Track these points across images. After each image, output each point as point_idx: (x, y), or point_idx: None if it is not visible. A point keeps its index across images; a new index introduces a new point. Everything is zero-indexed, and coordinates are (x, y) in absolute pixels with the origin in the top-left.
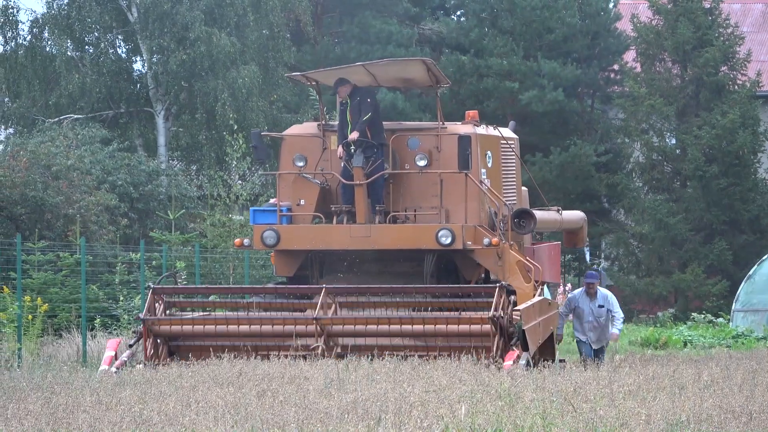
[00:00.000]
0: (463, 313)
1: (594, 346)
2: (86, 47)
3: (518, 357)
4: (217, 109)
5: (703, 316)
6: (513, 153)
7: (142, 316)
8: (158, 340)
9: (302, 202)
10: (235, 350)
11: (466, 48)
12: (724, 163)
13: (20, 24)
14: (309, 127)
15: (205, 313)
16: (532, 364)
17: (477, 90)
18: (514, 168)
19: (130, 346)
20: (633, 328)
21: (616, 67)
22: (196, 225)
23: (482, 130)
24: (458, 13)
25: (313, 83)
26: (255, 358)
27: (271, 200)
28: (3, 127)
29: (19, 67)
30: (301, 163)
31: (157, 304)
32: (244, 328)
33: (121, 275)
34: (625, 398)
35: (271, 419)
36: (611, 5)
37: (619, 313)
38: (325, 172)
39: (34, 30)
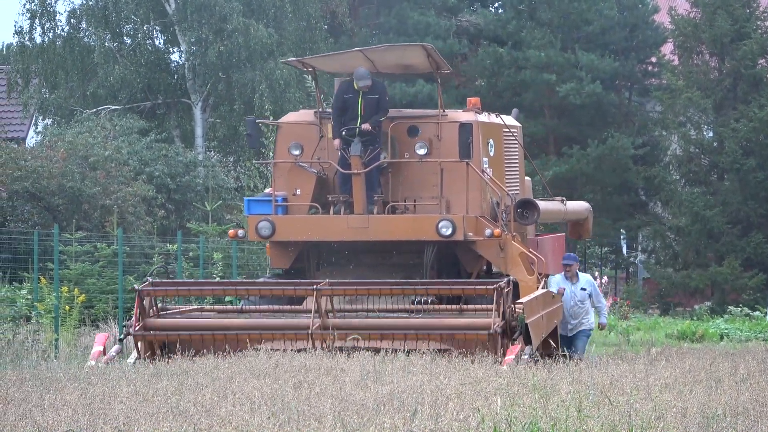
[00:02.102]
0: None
1: (569, 334)
2: (124, 38)
3: (521, 351)
4: (255, 100)
5: (739, 309)
6: (516, 141)
7: (132, 331)
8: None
9: (298, 191)
10: (228, 344)
11: (504, 40)
12: (761, 156)
13: (58, 15)
14: (305, 115)
15: (196, 308)
16: (536, 357)
17: (514, 82)
18: (517, 157)
19: (120, 340)
20: (670, 321)
21: (653, 59)
22: (233, 216)
23: (484, 117)
24: (496, 4)
25: (310, 69)
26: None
27: (267, 190)
28: (41, 117)
29: (57, 58)
30: (297, 152)
31: (146, 304)
32: (237, 322)
33: (158, 266)
34: (661, 391)
35: (307, 411)
36: None
37: (603, 303)
38: (322, 161)
39: (72, 21)
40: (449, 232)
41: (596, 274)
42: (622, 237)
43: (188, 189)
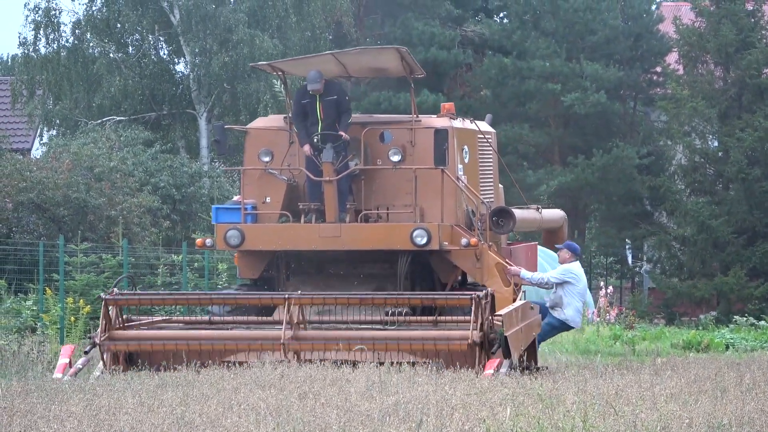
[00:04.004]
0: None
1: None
2: (128, 49)
3: (500, 364)
4: (260, 111)
5: (745, 318)
6: (490, 148)
7: (98, 340)
8: (117, 351)
9: (268, 199)
10: (196, 356)
11: (509, 50)
12: (766, 166)
13: (62, 26)
14: (275, 120)
15: (164, 318)
16: (514, 370)
17: (519, 92)
18: (491, 164)
19: (86, 353)
20: (675, 330)
21: (658, 69)
22: None
23: (459, 123)
24: (501, 15)
25: (279, 73)
26: (218, 365)
27: (235, 197)
28: (46, 128)
29: (61, 69)
30: (266, 158)
31: (111, 313)
32: (206, 334)
33: (164, 277)
34: (666, 401)
35: (312, 421)
36: (654, 7)
37: (550, 275)
38: (293, 167)
39: (77, 32)
40: (424, 241)
41: (601, 284)
42: (627, 247)
43: (193, 200)
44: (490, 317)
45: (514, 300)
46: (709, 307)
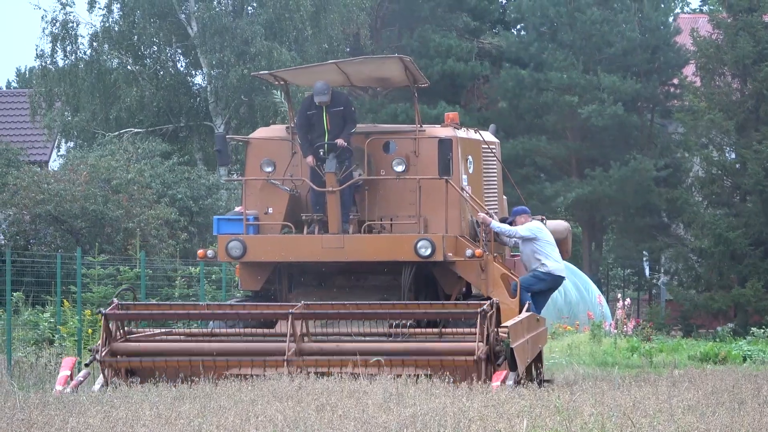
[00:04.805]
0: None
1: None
2: (146, 61)
3: (506, 377)
4: (277, 122)
5: (762, 330)
6: (494, 158)
7: (99, 357)
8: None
9: (270, 210)
10: (197, 370)
11: (526, 62)
12: None
13: (80, 38)
14: (277, 130)
15: (166, 330)
16: (521, 383)
17: (536, 104)
18: (495, 174)
19: (86, 365)
20: (692, 342)
21: (675, 81)
22: None
23: (463, 133)
24: (518, 27)
25: (281, 83)
26: (220, 378)
27: (237, 208)
28: (64, 140)
29: (79, 81)
30: (269, 169)
31: (112, 327)
32: (208, 347)
33: (181, 289)
34: (684, 413)
35: None
36: (671, 19)
37: (518, 228)
38: (295, 178)
39: (94, 44)
40: (428, 252)
41: (619, 295)
42: (644, 259)
43: (211, 212)
44: (496, 329)
45: (520, 311)
46: (726, 319)
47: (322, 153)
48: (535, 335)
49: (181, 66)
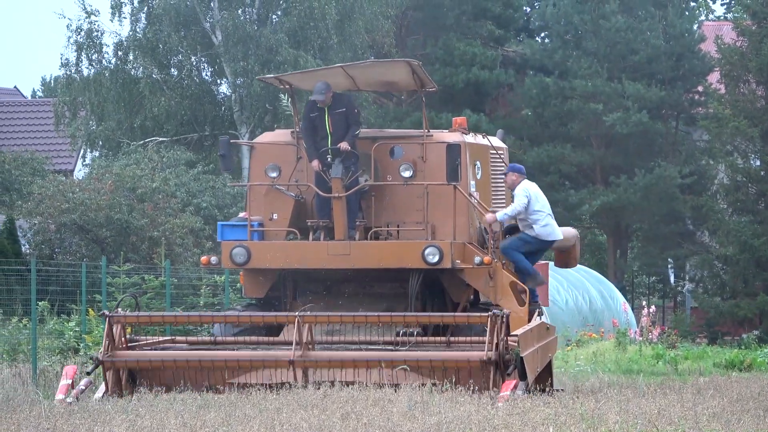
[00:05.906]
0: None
1: None
2: (171, 70)
3: (515, 386)
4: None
5: None
6: (503, 164)
7: (101, 357)
8: (120, 371)
9: (275, 216)
10: (201, 380)
11: (550, 70)
12: None
13: (104, 47)
14: (282, 135)
15: (168, 338)
16: (529, 391)
17: (561, 112)
18: (503, 180)
19: (88, 374)
20: (718, 350)
21: (700, 88)
22: None
23: (471, 138)
24: (542, 34)
25: (287, 86)
26: (223, 388)
27: (241, 214)
28: (89, 149)
29: (104, 90)
30: (273, 174)
31: (115, 332)
32: (210, 355)
33: (206, 298)
34: (709, 421)
35: None
36: (695, 27)
37: (515, 204)
38: (300, 183)
39: (119, 53)
40: (436, 259)
41: (644, 303)
42: (669, 266)
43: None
44: (506, 337)
45: (529, 320)
46: (751, 327)
47: (328, 158)
48: (545, 344)
49: (206, 75)
